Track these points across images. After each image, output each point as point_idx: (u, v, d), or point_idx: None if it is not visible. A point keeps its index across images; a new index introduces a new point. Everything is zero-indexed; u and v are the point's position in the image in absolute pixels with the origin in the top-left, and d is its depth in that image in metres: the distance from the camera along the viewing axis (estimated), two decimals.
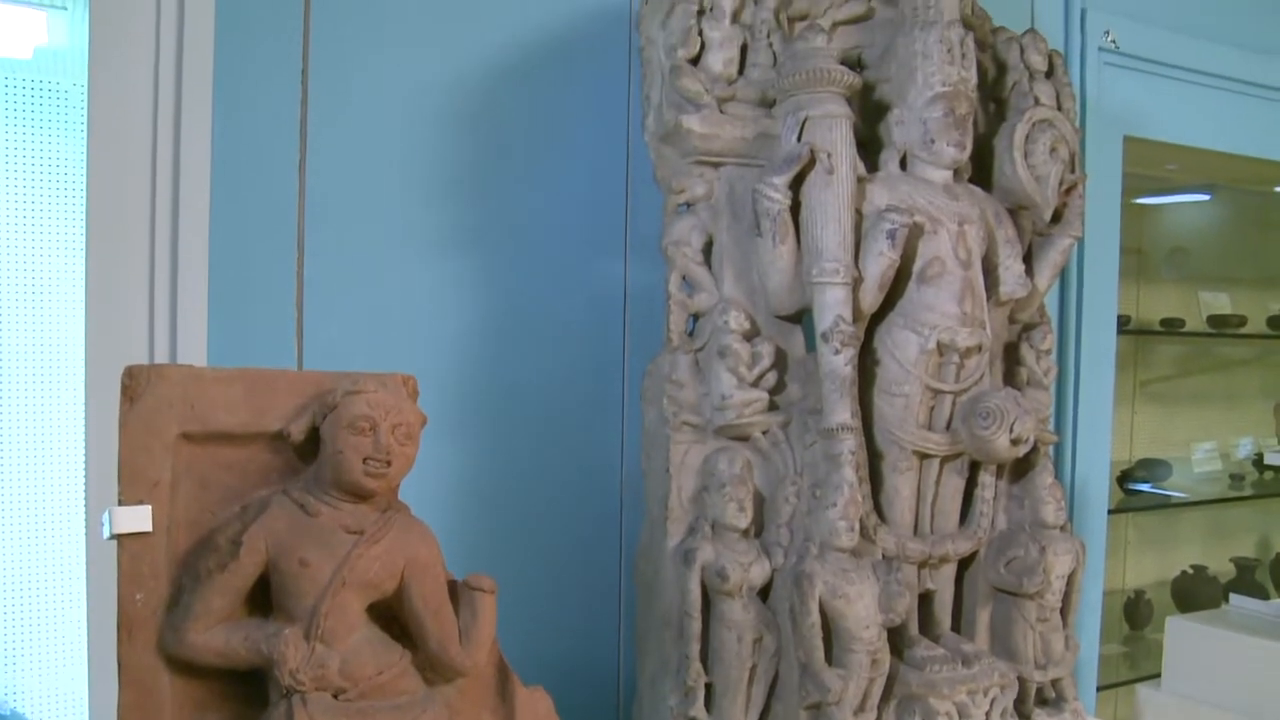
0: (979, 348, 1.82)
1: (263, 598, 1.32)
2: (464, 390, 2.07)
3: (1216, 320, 3.75)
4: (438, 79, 2.06)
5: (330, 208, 1.94)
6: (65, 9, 1.99)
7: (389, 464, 1.32)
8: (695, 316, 1.85)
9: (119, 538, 1.27)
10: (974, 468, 1.90)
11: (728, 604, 1.74)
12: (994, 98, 2.04)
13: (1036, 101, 1.97)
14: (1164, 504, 3.63)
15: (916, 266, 1.82)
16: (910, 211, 1.79)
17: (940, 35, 1.82)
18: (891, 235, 1.76)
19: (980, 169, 1.96)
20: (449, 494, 2.04)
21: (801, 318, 1.85)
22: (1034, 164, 1.93)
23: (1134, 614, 3.56)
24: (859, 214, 1.79)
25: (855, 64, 1.92)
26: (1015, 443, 1.78)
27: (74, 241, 1.96)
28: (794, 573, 1.74)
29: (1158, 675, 2.70)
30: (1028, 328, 2.04)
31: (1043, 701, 1.94)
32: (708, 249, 1.85)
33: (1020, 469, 1.96)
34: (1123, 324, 3.03)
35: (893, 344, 1.82)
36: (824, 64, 1.76)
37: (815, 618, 1.71)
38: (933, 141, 1.83)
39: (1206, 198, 4.04)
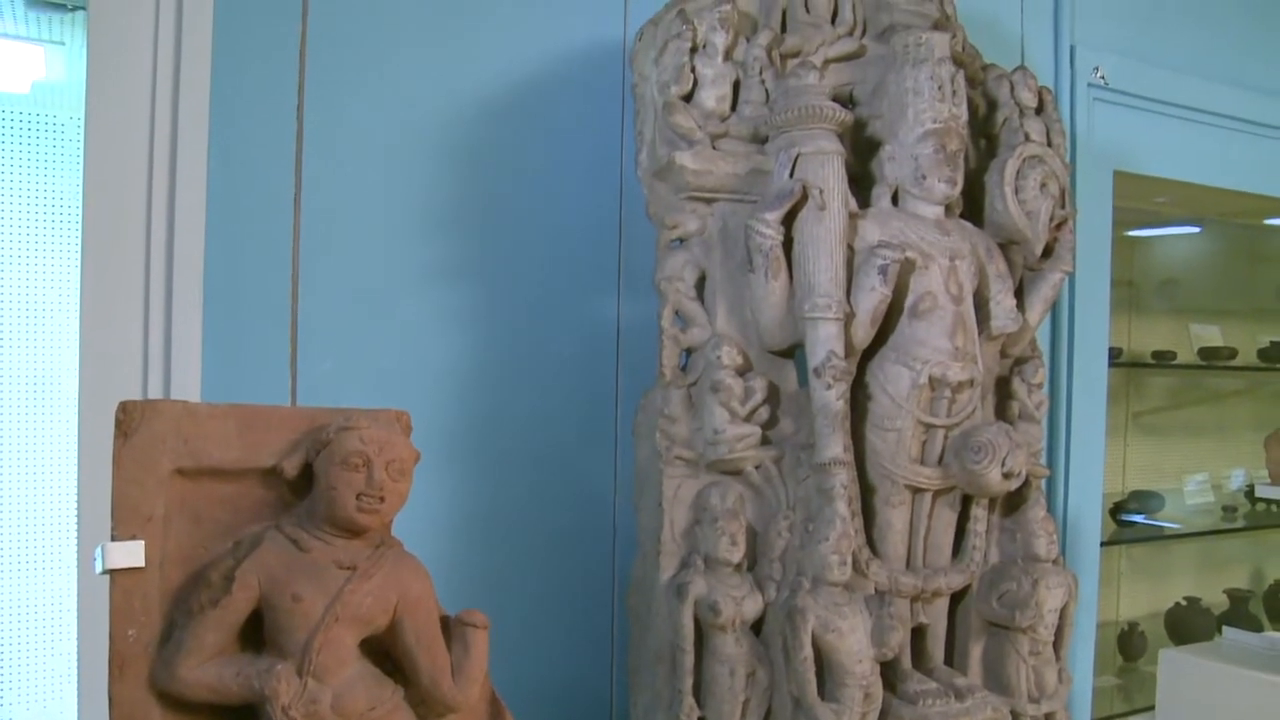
0: (970, 382, 1.83)
1: (255, 633, 1.31)
2: (457, 425, 2.07)
3: (1207, 352, 3.76)
4: (432, 114, 2.07)
5: (324, 243, 1.95)
6: (63, 44, 2.00)
7: (382, 500, 1.32)
8: (688, 351, 1.86)
9: (111, 573, 1.27)
10: (966, 501, 1.90)
11: (720, 638, 1.74)
12: (985, 134, 2.06)
13: (1027, 138, 1.99)
14: (1157, 535, 3.63)
15: (908, 301, 1.83)
16: (902, 247, 1.80)
17: (931, 72, 1.84)
18: (883, 270, 1.77)
19: (971, 204, 1.98)
20: (442, 529, 2.04)
21: (794, 353, 1.86)
22: (1025, 199, 1.95)
23: (1128, 646, 3.55)
24: (851, 249, 1.81)
25: (847, 101, 1.94)
26: (1007, 476, 1.79)
27: (69, 273, 1.96)
28: (786, 607, 1.74)
29: (1151, 708, 2.69)
30: (1019, 361, 2.05)
31: None
32: (700, 284, 1.86)
33: (1012, 502, 1.96)
34: (1114, 356, 3.05)
35: (885, 379, 1.83)
36: (816, 101, 1.77)
37: (808, 652, 1.71)
38: (924, 177, 1.85)
39: (1197, 230, 4.06)
